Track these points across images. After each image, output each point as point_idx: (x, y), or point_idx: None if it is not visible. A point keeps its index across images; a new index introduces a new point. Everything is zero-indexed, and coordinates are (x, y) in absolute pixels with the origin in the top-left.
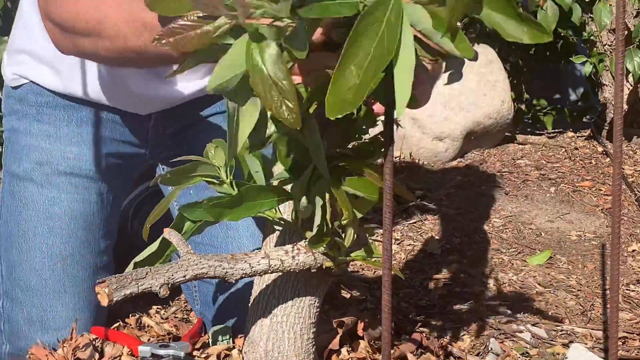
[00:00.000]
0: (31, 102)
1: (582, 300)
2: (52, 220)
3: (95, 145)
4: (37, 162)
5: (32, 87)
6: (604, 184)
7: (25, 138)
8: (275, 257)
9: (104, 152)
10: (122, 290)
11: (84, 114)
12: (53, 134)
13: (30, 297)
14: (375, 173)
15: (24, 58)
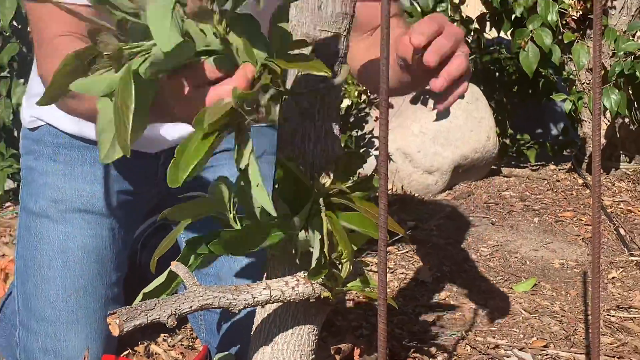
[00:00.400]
0: (48, 143)
1: (566, 325)
2: (67, 254)
3: (107, 184)
4: (53, 199)
5: (48, 129)
6: (585, 214)
7: (42, 177)
8: (276, 288)
9: (116, 189)
10: (132, 321)
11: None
12: (68, 173)
13: (45, 327)
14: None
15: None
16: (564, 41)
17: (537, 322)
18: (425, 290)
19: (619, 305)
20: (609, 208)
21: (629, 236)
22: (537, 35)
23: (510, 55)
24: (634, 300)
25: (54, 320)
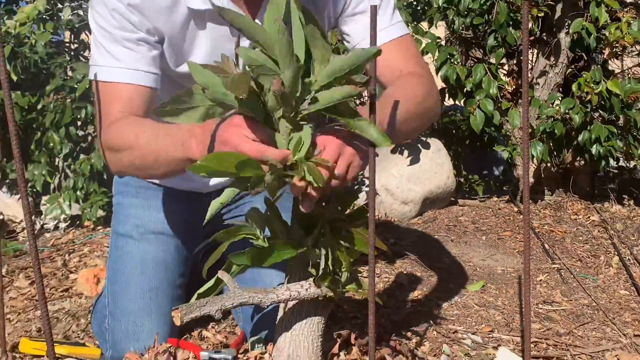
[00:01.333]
0: (131, 185)
1: (506, 315)
2: (144, 264)
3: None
4: (135, 225)
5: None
6: (519, 233)
7: (127, 209)
8: (294, 290)
9: (181, 218)
10: (190, 315)
11: (168, 193)
12: (146, 206)
13: (127, 317)
14: (362, 231)
15: None
16: (502, 108)
17: (485, 313)
18: (403, 290)
19: (545, 300)
20: (537, 228)
21: (551, 249)
22: (483, 103)
23: (463, 117)
24: (556, 297)
25: (134, 312)
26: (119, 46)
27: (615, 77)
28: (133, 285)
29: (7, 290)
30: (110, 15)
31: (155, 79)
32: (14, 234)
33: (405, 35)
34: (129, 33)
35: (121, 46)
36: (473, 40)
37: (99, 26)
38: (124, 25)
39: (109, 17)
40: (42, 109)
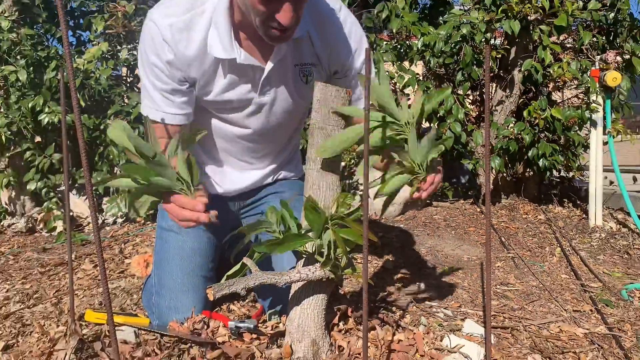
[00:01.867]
0: None
1: (471, 294)
2: (182, 252)
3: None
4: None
5: None
6: (481, 229)
7: None
8: (303, 273)
9: None
10: (220, 292)
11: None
12: None
13: (169, 293)
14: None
15: None
16: (468, 129)
17: (455, 292)
18: (389, 274)
19: (502, 282)
20: (495, 225)
21: (507, 242)
22: (452, 126)
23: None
24: (510, 279)
25: (175, 289)
26: (157, 93)
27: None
28: (174, 269)
29: (76, 272)
30: (150, 69)
31: (182, 118)
32: (81, 227)
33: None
34: (164, 85)
35: (159, 93)
36: (445, 75)
37: (144, 73)
38: (161, 78)
39: (149, 70)
40: (104, 129)
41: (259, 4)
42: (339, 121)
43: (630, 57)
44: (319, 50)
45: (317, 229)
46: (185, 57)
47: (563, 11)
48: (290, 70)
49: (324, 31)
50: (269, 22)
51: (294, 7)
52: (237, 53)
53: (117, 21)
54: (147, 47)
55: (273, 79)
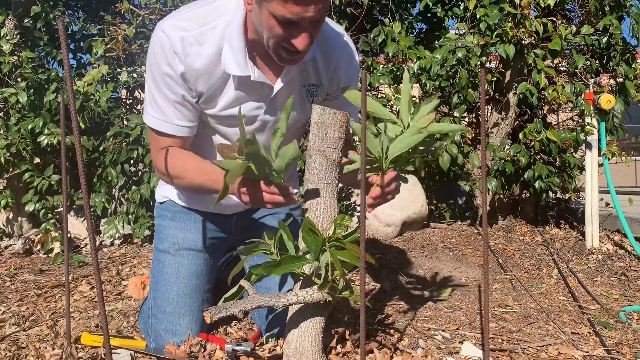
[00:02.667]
0: (170, 210)
1: (469, 316)
2: (179, 274)
3: (204, 234)
4: (172, 242)
5: (170, 202)
6: (479, 250)
7: (166, 230)
8: (301, 295)
9: (208, 236)
10: (217, 315)
11: (198, 216)
12: (181, 227)
13: (166, 317)
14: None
15: (167, 187)
16: (464, 151)
17: (452, 314)
18: (387, 295)
19: (500, 304)
20: (493, 246)
21: (504, 263)
22: (449, 148)
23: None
24: (508, 301)
25: (172, 312)
26: (168, 104)
27: (552, 128)
28: (171, 291)
29: (72, 294)
30: (162, 79)
31: (190, 130)
32: (79, 248)
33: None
34: (175, 95)
35: (169, 105)
36: (441, 98)
37: (153, 84)
38: (172, 88)
39: (161, 80)
40: (103, 150)
41: (278, 27)
42: (337, 143)
43: (623, 81)
44: (322, 72)
45: (314, 250)
46: (193, 70)
47: (557, 35)
48: (298, 91)
49: (328, 54)
50: (284, 44)
51: (311, 33)
52: (252, 71)
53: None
54: (158, 57)
55: (280, 98)
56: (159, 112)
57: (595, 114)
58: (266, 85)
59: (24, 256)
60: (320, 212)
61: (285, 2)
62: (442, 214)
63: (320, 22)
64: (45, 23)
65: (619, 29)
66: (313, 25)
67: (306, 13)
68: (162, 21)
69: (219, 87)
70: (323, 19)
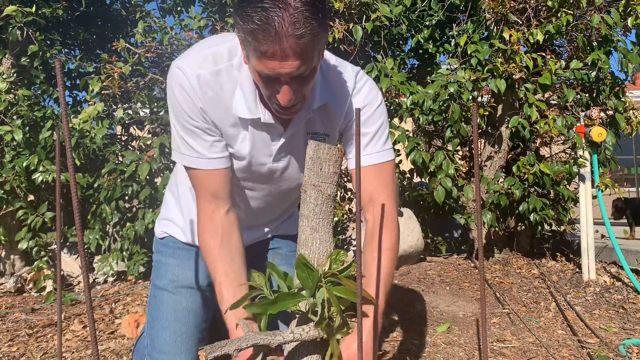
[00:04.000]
0: (169, 246)
1: (467, 351)
2: (177, 312)
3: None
4: (171, 280)
5: (171, 238)
6: (475, 284)
7: (165, 267)
8: (297, 333)
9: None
10: (212, 354)
11: (199, 253)
12: (180, 264)
13: (162, 356)
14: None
15: (167, 223)
16: (459, 184)
17: (450, 350)
18: (384, 331)
19: (498, 339)
20: (489, 280)
21: (501, 297)
22: (443, 181)
23: (428, 192)
24: (507, 336)
25: (168, 352)
26: (195, 140)
27: (545, 160)
28: (167, 330)
29: (64, 333)
30: (186, 117)
31: (225, 160)
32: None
33: (389, 162)
34: (200, 130)
35: (197, 139)
36: (434, 132)
37: (178, 124)
38: (197, 124)
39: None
40: (97, 187)
41: (261, 82)
42: (332, 178)
43: (613, 113)
44: (337, 119)
45: (309, 287)
46: (211, 108)
47: (546, 70)
48: (302, 138)
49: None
50: (272, 99)
51: (293, 88)
52: (262, 113)
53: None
54: (177, 96)
55: (288, 146)
56: (190, 150)
57: (587, 146)
58: (276, 129)
59: (16, 295)
60: (316, 247)
61: (259, 59)
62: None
63: (307, 79)
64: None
65: (607, 64)
66: (297, 81)
67: (282, 69)
68: (176, 60)
69: (233, 128)
70: (309, 75)
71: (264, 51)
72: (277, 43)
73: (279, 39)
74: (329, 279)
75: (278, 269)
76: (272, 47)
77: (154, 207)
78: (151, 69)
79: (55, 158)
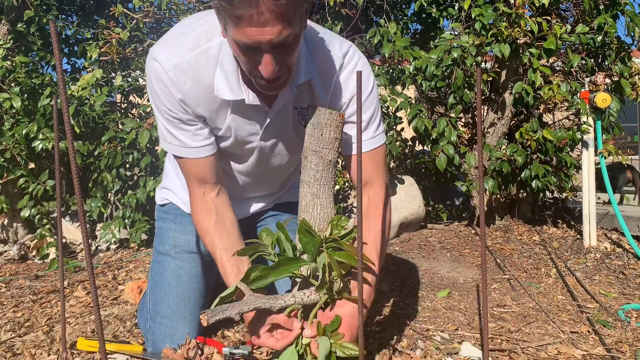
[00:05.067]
0: (171, 212)
1: (468, 317)
2: (179, 278)
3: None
4: (173, 245)
5: (172, 205)
6: (476, 250)
7: (166, 232)
8: (298, 297)
9: None
10: (214, 317)
11: None
12: (182, 230)
13: (165, 320)
14: (351, 249)
15: (168, 192)
16: (461, 152)
17: (451, 315)
18: (384, 296)
19: (498, 304)
20: (490, 247)
21: (502, 263)
22: (445, 148)
23: (430, 159)
24: (507, 301)
25: (171, 316)
26: (178, 130)
27: (548, 127)
28: (170, 295)
29: (68, 299)
30: (166, 108)
31: (210, 148)
32: (75, 254)
33: (381, 146)
34: (180, 121)
35: (179, 130)
36: (437, 99)
37: (160, 114)
38: (177, 115)
39: (165, 109)
40: (98, 155)
41: (241, 55)
42: (333, 144)
43: (618, 79)
44: (321, 96)
45: (311, 252)
46: (190, 96)
47: (551, 34)
48: (290, 114)
49: (328, 79)
50: (255, 72)
51: (275, 58)
52: (246, 94)
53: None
54: (156, 88)
55: (275, 124)
56: (175, 139)
57: (591, 112)
58: (261, 109)
59: (20, 262)
60: (317, 213)
61: (237, 26)
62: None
63: (291, 47)
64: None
65: (613, 28)
66: (279, 50)
67: (262, 36)
68: (153, 48)
69: (218, 110)
70: (292, 42)
71: (240, 16)
72: (254, 6)
73: (256, 1)
74: (330, 244)
75: (285, 230)
76: (249, 11)
77: (155, 174)
78: (150, 35)
79: (54, 126)
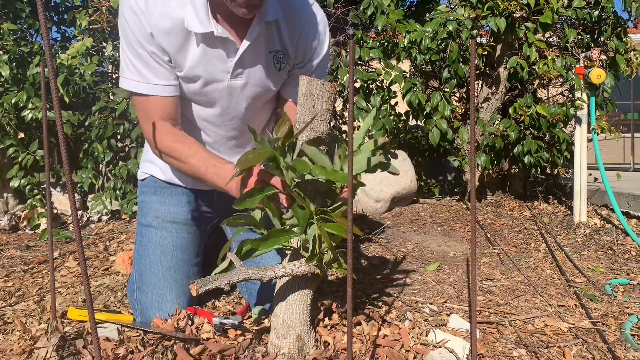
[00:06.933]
0: (150, 186)
1: (457, 289)
2: (163, 247)
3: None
4: (154, 216)
5: (152, 179)
6: (467, 225)
7: (148, 204)
8: (288, 268)
9: (191, 209)
10: (204, 287)
11: (179, 190)
12: (163, 201)
13: (152, 290)
14: (342, 221)
15: (147, 164)
16: (454, 126)
17: (440, 288)
18: (375, 269)
19: (487, 277)
20: (481, 221)
21: (492, 238)
22: (439, 123)
23: (423, 134)
24: (496, 275)
25: (157, 285)
26: (142, 64)
27: (542, 102)
28: (155, 264)
29: (59, 269)
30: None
31: (173, 89)
32: (66, 224)
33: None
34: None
35: (144, 64)
36: (431, 73)
37: (127, 45)
38: (145, 47)
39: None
40: (89, 125)
41: None
42: (326, 115)
43: (614, 55)
44: (287, 39)
45: (302, 223)
46: (159, 29)
47: (548, 8)
48: (264, 56)
49: (292, 21)
50: None
51: None
52: (214, 27)
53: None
54: (128, 19)
55: (246, 61)
56: (136, 74)
57: (586, 88)
58: (230, 42)
59: (10, 232)
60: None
61: None
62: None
63: None
64: None
65: (610, 2)
66: None
67: None
68: None
69: (185, 46)
70: None
71: None
72: None
73: None
74: (320, 216)
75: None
76: None
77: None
78: None
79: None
